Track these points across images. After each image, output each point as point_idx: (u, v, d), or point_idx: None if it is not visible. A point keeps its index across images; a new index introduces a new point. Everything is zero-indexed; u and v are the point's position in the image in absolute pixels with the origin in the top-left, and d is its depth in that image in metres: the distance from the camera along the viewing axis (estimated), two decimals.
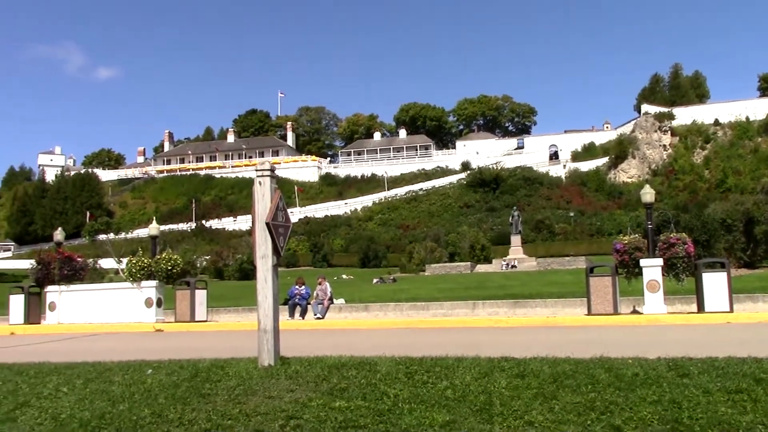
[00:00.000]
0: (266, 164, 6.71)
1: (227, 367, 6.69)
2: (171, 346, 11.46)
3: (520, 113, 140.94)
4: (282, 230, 6.74)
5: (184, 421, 5.29)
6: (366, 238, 77.65)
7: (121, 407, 5.77)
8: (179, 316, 20.52)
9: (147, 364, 7.33)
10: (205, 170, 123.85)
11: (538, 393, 5.48)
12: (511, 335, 12.42)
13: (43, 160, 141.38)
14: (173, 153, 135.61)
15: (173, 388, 6.19)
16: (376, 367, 6.37)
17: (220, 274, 61.31)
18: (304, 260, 72.54)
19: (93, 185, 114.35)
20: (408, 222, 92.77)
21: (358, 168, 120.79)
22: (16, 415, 5.87)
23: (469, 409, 5.18)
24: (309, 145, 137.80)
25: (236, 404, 5.57)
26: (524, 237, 61.49)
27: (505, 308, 21.80)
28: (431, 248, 60.75)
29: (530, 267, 50.84)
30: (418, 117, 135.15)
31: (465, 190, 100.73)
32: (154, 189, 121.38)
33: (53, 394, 6.41)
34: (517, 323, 16.38)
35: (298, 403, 5.48)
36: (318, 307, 22.23)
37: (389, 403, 5.37)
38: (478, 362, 6.50)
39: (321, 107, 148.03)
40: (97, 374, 6.99)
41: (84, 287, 22.78)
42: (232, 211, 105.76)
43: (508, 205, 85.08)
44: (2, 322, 23.17)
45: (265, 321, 6.59)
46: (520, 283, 32.11)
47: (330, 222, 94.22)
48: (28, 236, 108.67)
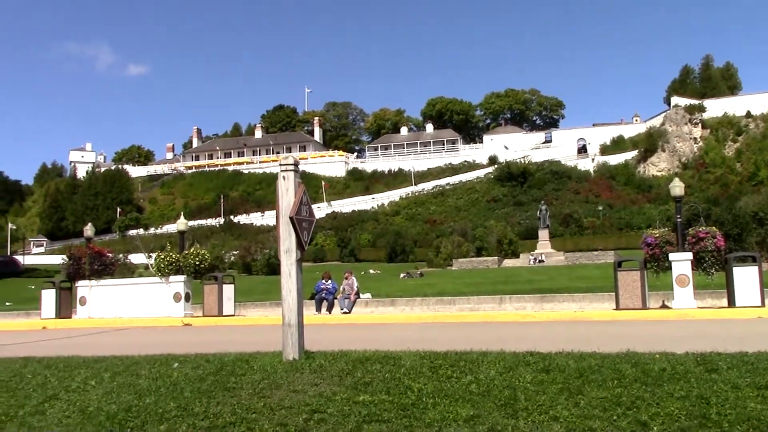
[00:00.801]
0: (290, 159, 6.72)
1: (252, 361, 6.72)
2: (198, 341, 11.57)
3: (548, 107, 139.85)
4: (306, 224, 6.75)
5: (209, 415, 5.32)
6: (393, 233, 77.66)
7: (147, 400, 5.82)
8: (207, 311, 20.67)
9: (173, 358, 7.39)
10: (232, 166, 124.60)
11: (564, 388, 5.43)
12: (537, 330, 12.33)
13: (75, 157, 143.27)
14: (202, 149, 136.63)
15: (199, 381, 6.24)
16: (401, 362, 6.35)
17: (248, 268, 61.70)
18: (332, 255, 72.75)
19: (123, 181, 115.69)
20: (435, 216, 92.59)
21: (385, 163, 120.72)
22: (45, 408, 5.95)
23: (493, 403, 5.15)
24: (336, 141, 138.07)
25: (261, 398, 5.59)
26: (552, 231, 61.10)
27: (532, 303, 21.67)
28: (458, 243, 60.61)
29: (558, 261, 50.52)
30: (445, 111, 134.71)
31: (492, 184, 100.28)
32: (182, 185, 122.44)
33: (81, 387, 6.49)
34: (544, 318, 16.26)
35: (322, 397, 5.49)
36: (344, 302, 22.27)
37: (413, 398, 5.36)
38: (502, 357, 6.46)
39: (348, 102, 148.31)
40: (125, 368, 7.06)
41: (114, 282, 23.04)
42: (260, 206, 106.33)
43: (535, 199, 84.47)
44: (34, 317, 23.54)
45: (289, 315, 6.61)
46: (547, 277, 31.88)
47: (357, 217, 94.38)
48: (59, 232, 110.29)
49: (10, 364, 7.74)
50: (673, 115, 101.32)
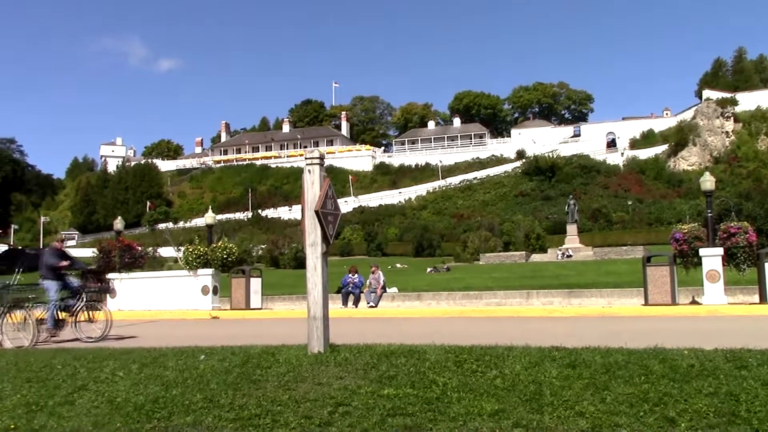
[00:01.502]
0: (315, 152, 6.74)
1: (277, 354, 6.76)
2: (225, 333, 11.67)
3: (577, 100, 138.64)
4: (331, 218, 6.76)
5: (235, 407, 5.36)
6: (420, 227, 77.55)
7: (174, 392, 5.88)
8: (235, 304, 20.82)
9: (200, 350, 7.45)
10: (260, 160, 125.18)
11: (590, 383, 5.38)
12: (564, 325, 12.25)
13: (105, 151, 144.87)
14: (230, 143, 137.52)
15: (225, 374, 6.28)
16: (426, 356, 6.35)
17: (275, 262, 62.00)
18: (359, 249, 72.85)
19: (153, 175, 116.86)
20: (462, 211, 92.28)
21: (412, 157, 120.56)
22: (74, 399, 6.03)
23: (518, 398, 5.13)
24: (363, 135, 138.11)
25: (286, 390, 5.62)
26: (580, 226, 60.55)
27: (559, 298, 21.52)
28: (485, 237, 60.36)
29: (586, 256, 50.09)
30: (472, 105, 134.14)
31: (520, 178, 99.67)
32: (211, 179, 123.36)
33: (110, 378, 6.57)
34: (571, 313, 16.15)
35: (347, 390, 5.50)
36: (371, 296, 22.31)
37: (438, 392, 5.35)
38: (528, 351, 6.42)
39: (375, 97, 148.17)
40: (152, 359, 7.14)
41: (143, 275, 23.31)
42: (288, 200, 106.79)
43: (564, 193, 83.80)
44: None
45: (314, 308, 6.63)
46: (575, 272, 31.67)
47: (384, 211, 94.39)
48: (90, 225, 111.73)
49: (40, 355, 7.87)
50: (704, 108, 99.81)
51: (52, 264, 12.44)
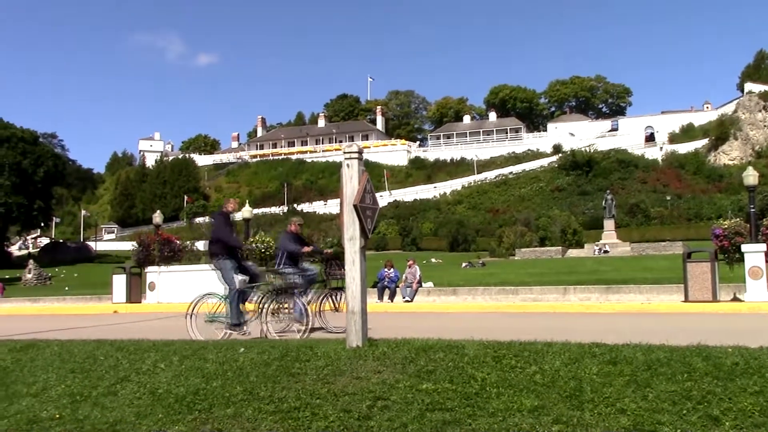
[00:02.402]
0: (353, 147, 6.74)
1: (316, 348, 6.78)
2: None
3: (615, 94, 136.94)
4: (369, 212, 6.76)
5: (275, 399, 5.40)
6: (455, 222, 77.41)
7: (214, 384, 5.93)
8: None
9: (239, 343, 7.52)
10: (296, 155, 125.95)
11: (631, 380, 5.31)
12: (603, 321, 12.13)
13: (144, 146, 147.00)
14: (266, 138, 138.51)
15: (264, 366, 6.33)
16: (464, 350, 6.32)
17: None
18: (394, 244, 72.96)
19: (190, 170, 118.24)
20: (498, 206, 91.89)
21: (447, 151, 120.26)
22: (117, 389, 6.13)
23: (558, 394, 5.08)
24: (398, 129, 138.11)
25: (324, 384, 5.64)
26: (618, 221, 60.01)
27: (597, 294, 21.30)
28: (521, 232, 60.07)
29: (624, 252, 49.58)
30: (508, 99, 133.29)
31: (556, 173, 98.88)
32: (247, 173, 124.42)
33: (151, 369, 6.66)
34: (609, 309, 15.99)
35: (386, 385, 5.50)
36: (407, 290, 22.31)
37: (477, 387, 5.33)
38: (568, 347, 6.36)
39: (410, 91, 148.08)
40: (192, 352, 7.21)
41: (181, 268, 23.59)
42: (323, 194, 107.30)
43: (601, 188, 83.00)
44: (106, 301, 24.27)
45: (353, 303, 6.64)
46: (613, 268, 31.32)
47: (419, 206, 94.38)
48: (129, 219, 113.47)
49: (84, 346, 7.99)
50: (746, 102, 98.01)
51: (292, 250, 11.54)
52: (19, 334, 10.39)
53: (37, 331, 11.29)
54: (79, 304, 26.54)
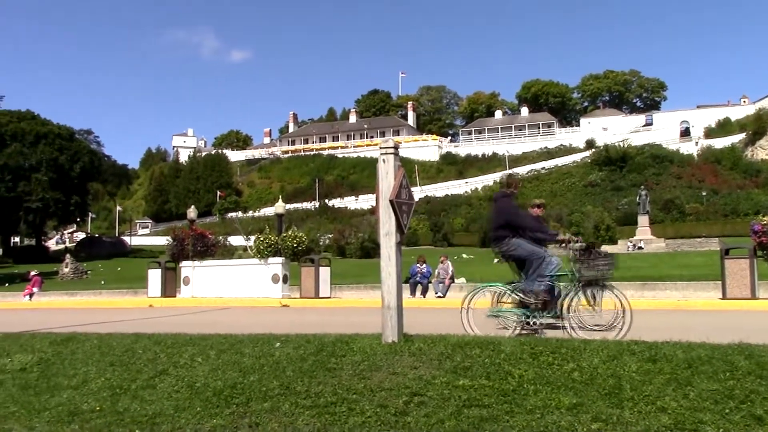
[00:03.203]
0: (390, 142, 6.72)
1: (352, 343, 6.79)
2: (296, 321, 11.81)
3: (649, 88, 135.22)
4: (405, 208, 6.74)
5: (311, 394, 5.41)
6: (486, 218, 77.00)
7: (251, 378, 5.97)
8: (304, 292, 21.08)
9: (275, 338, 7.55)
10: (327, 150, 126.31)
11: (671, 378, 5.24)
12: (639, 318, 11.94)
13: (177, 142, 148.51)
14: (297, 134, 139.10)
15: (300, 361, 6.35)
16: (500, 347, 6.28)
17: (342, 252, 62.54)
18: (425, 239, 72.89)
19: (223, 165, 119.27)
20: (529, 202, 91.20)
21: (479, 147, 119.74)
22: (156, 383, 6.19)
23: (597, 392, 5.03)
24: (429, 125, 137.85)
25: (361, 379, 5.64)
26: (652, 217, 59.24)
27: (632, 290, 21.00)
28: (554, 228, 59.58)
29: (658, 248, 48.98)
30: (540, 94, 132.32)
31: (589, 168, 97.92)
32: (279, 169, 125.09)
33: (189, 363, 6.72)
34: (645, 306, 15.76)
35: (422, 380, 5.49)
36: (439, 286, 22.29)
37: (514, 384, 5.29)
38: (606, 344, 6.29)
39: (442, 86, 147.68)
40: (229, 346, 7.27)
41: (215, 263, 23.82)
42: (354, 190, 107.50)
43: (635, 184, 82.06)
44: (142, 295, 24.59)
45: (388, 298, 6.63)
46: (647, 264, 30.96)
47: (450, 201, 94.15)
48: (163, 214, 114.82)
49: (122, 340, 8.10)
50: None
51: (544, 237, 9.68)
52: (59, 327, 10.57)
53: (75, 324, 11.46)
54: (114, 298, 26.93)
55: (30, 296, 31.05)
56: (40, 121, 79.07)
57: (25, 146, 74.44)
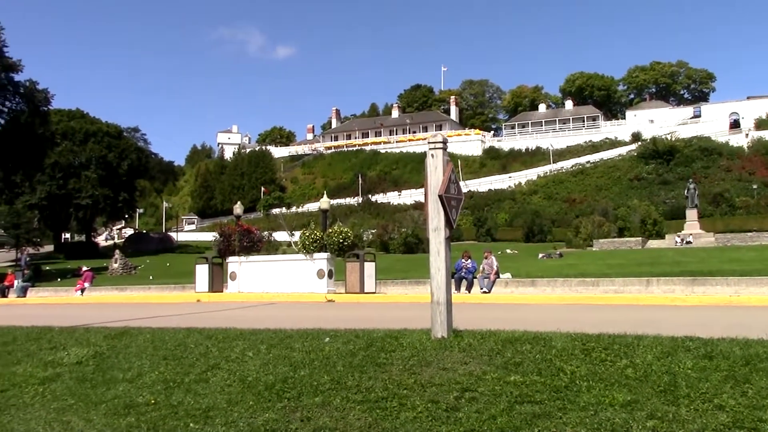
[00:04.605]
0: (438, 137, 6.70)
1: (401, 338, 6.80)
2: (342, 316, 11.85)
3: (697, 80, 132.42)
4: (454, 203, 6.72)
5: (362, 389, 5.44)
6: (530, 213, 76.52)
7: (301, 372, 6.02)
8: (349, 288, 21.14)
9: (324, 333, 7.60)
10: (370, 146, 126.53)
11: (729, 376, 5.14)
12: (689, 314, 11.77)
13: (222, 139, 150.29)
14: (340, 129, 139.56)
15: (350, 356, 6.38)
16: (551, 343, 6.23)
17: (385, 247, 62.65)
18: (468, 234, 72.59)
19: (267, 162, 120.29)
20: (574, 196, 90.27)
21: (522, 141, 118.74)
22: (208, 377, 6.29)
23: (651, 389, 4.96)
24: (472, 119, 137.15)
25: (411, 374, 5.65)
26: (701, 211, 58.10)
27: (681, 286, 20.70)
28: (599, 223, 58.91)
29: (707, 243, 48.02)
30: (585, 87, 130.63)
31: (635, 162, 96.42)
32: (322, 165, 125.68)
33: (240, 357, 6.80)
34: (695, 302, 15.49)
35: (473, 376, 5.47)
36: (484, 281, 22.16)
37: (566, 380, 5.24)
38: (659, 341, 6.19)
39: (484, 80, 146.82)
40: (279, 341, 7.34)
41: (261, 258, 24.01)
42: (397, 185, 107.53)
43: (682, 177, 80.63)
44: (189, 290, 24.93)
45: (438, 293, 6.62)
46: (696, 259, 30.37)
47: (493, 196, 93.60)
48: (209, 210, 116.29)
49: (174, 334, 8.23)
50: None
51: None
52: (112, 322, 10.78)
53: (127, 318, 11.69)
54: (163, 293, 27.37)
55: (81, 291, 31.75)
56: (89, 120, 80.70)
57: (75, 144, 76.08)
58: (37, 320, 10.93)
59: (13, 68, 51.48)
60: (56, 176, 73.66)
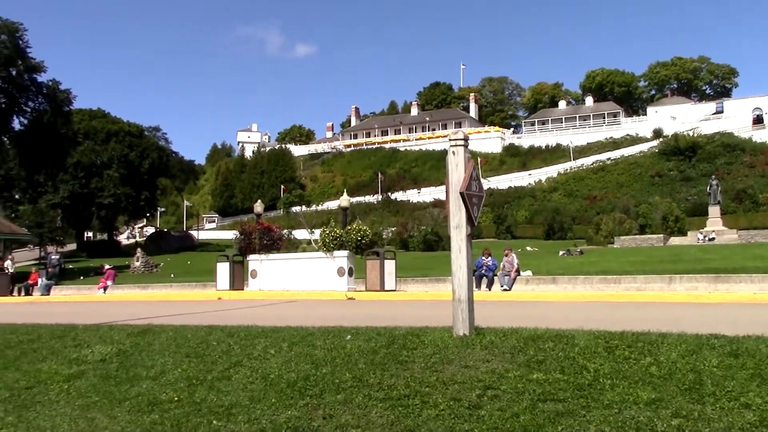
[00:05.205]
0: (459, 134, 6.68)
1: (422, 336, 6.79)
2: (363, 314, 11.85)
3: (719, 75, 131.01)
4: (476, 200, 6.69)
5: (384, 386, 5.43)
6: (551, 210, 76.14)
7: (323, 370, 6.03)
8: (369, 285, 21.16)
9: (345, 330, 7.60)
10: (389, 144, 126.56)
11: (755, 374, 5.08)
12: (713, 312, 11.66)
13: (242, 137, 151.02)
14: (359, 127, 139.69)
15: (371, 354, 6.38)
16: (574, 341, 6.19)
17: (405, 245, 62.58)
18: (488, 232, 72.35)
19: (286, 160, 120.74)
20: (595, 193, 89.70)
21: (542, 138, 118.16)
22: (230, 374, 6.32)
23: (676, 387, 4.91)
24: (492, 116, 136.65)
25: (433, 372, 5.64)
26: (723, 208, 57.49)
27: (704, 283, 20.51)
28: (620, 220, 58.49)
29: (730, 239, 47.52)
30: (605, 83, 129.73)
31: (657, 158, 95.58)
32: (341, 163, 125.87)
33: (262, 355, 6.82)
34: (719, 299, 15.34)
35: (495, 374, 5.45)
36: (504, 279, 22.10)
37: (589, 378, 5.21)
38: (684, 339, 6.13)
39: (504, 77, 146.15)
40: (301, 338, 7.35)
41: (282, 256, 24.09)
42: (416, 183, 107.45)
43: (705, 174, 79.83)
44: (210, 288, 25.08)
45: (459, 291, 6.60)
46: (719, 256, 30.03)
47: (513, 193, 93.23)
48: (229, 208, 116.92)
49: (196, 332, 8.27)
50: None
51: None
52: (135, 320, 10.87)
53: (150, 316, 11.77)
54: (185, 290, 27.55)
55: (104, 289, 32.04)
56: (110, 119, 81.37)
57: (97, 144, 76.75)
58: (61, 318, 11.03)
59: (36, 69, 51.98)
60: (79, 175, 74.33)
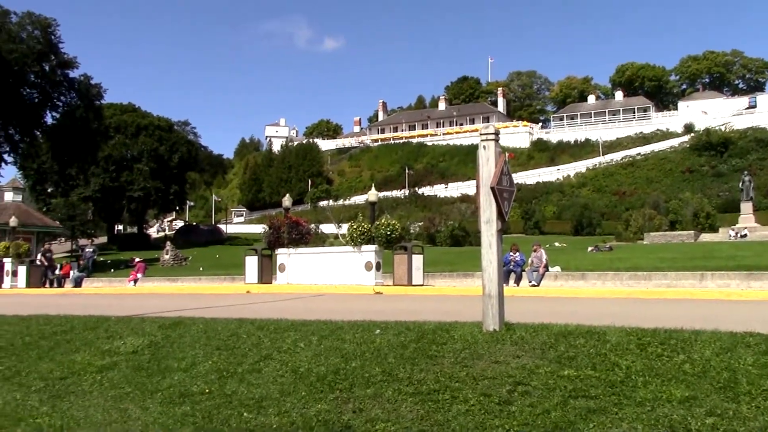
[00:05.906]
0: (491, 128, 6.64)
1: (452, 331, 6.77)
2: (392, 308, 11.84)
3: (753, 69, 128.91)
4: (506, 195, 6.65)
5: (413, 381, 5.43)
6: (579, 205, 75.60)
7: (353, 364, 6.04)
8: (397, 280, 21.14)
9: (374, 324, 7.60)
10: (417, 138, 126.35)
11: None
12: (747, 309, 11.49)
13: (270, 132, 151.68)
14: (387, 122, 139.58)
15: (401, 348, 6.38)
16: (605, 337, 6.14)
17: (432, 239, 62.46)
18: (515, 227, 72.08)
19: (314, 154, 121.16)
20: (624, 188, 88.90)
21: (571, 133, 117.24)
22: (260, 367, 6.36)
23: (710, 385, 4.85)
24: (520, 111, 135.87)
25: (463, 367, 5.62)
26: (756, 204, 56.65)
27: (737, 280, 20.20)
28: (650, 216, 57.88)
29: (763, 236, 46.73)
30: (635, 78, 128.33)
31: (688, 153, 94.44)
32: (369, 157, 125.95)
33: (292, 348, 6.85)
34: (752, 297, 15.10)
35: (525, 370, 5.42)
36: (533, 275, 21.99)
37: (621, 375, 5.16)
38: (718, 336, 6.04)
39: (532, 72, 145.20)
40: (330, 332, 7.37)
41: (310, 250, 24.15)
42: (444, 177, 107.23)
43: (737, 169, 78.69)
44: (239, 281, 25.24)
45: (489, 286, 6.57)
46: (753, 253, 29.55)
47: (541, 188, 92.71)
48: (257, 202, 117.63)
49: (227, 325, 8.32)
50: None
51: None
52: (165, 312, 10.97)
53: (180, 309, 11.87)
54: (213, 284, 27.76)
55: (134, 281, 32.43)
56: (140, 114, 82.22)
57: (127, 138, 77.63)
58: (93, 310, 11.17)
59: (68, 65, 52.66)
60: (109, 169, 75.25)
